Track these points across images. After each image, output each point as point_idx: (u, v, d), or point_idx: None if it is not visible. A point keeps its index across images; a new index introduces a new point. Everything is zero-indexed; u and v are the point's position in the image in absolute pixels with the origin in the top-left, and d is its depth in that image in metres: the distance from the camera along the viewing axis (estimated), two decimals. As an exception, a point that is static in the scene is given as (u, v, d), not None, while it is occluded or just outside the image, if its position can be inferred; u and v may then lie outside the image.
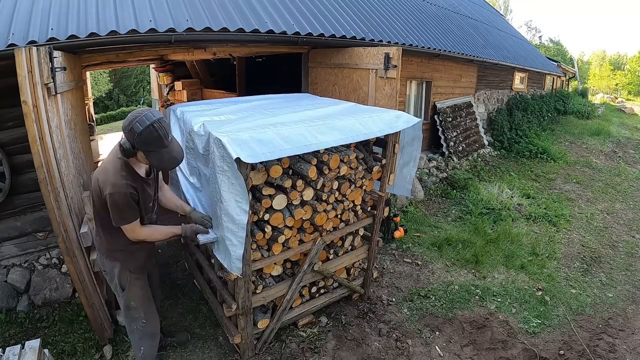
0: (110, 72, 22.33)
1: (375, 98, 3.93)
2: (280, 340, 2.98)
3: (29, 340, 2.28)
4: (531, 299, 3.66)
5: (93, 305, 2.68)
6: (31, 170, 2.98)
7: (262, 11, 4.05)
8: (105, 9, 3.32)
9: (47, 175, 2.19)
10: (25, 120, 2.06)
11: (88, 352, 2.83)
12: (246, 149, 2.02)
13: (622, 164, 9.00)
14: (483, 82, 9.69)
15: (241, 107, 3.03)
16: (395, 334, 3.13)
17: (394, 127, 2.73)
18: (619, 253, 4.74)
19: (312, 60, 4.77)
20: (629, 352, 3.04)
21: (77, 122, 3.33)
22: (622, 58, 49.70)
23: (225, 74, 9.29)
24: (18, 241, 3.51)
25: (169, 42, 3.31)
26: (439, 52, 6.31)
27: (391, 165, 3.07)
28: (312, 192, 2.58)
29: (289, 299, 2.81)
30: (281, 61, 8.27)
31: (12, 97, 2.40)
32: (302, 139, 2.24)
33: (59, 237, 2.36)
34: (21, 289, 3.41)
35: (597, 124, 12.87)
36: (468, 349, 3.02)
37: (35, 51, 2.10)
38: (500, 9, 38.60)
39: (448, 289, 3.76)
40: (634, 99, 30.74)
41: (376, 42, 4.63)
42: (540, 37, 44.64)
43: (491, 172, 7.79)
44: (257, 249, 2.53)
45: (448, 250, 4.52)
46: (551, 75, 16.05)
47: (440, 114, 7.58)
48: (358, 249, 3.30)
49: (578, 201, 6.50)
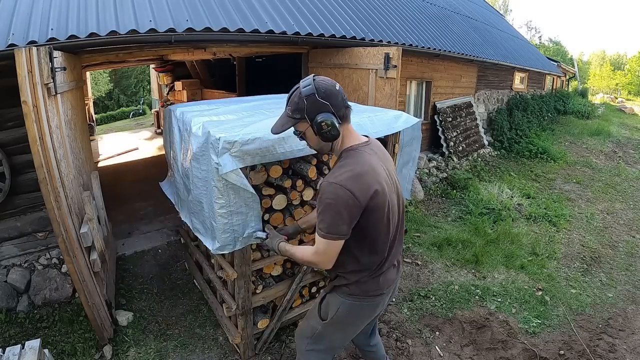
0: (110, 72, 22.35)
1: (375, 98, 3.94)
2: (280, 340, 2.98)
3: (29, 340, 2.28)
4: (531, 299, 3.66)
5: (93, 305, 2.68)
6: (31, 170, 2.99)
7: (262, 11, 4.05)
8: (105, 9, 3.33)
9: (47, 175, 2.19)
10: (25, 120, 2.06)
11: (88, 352, 2.83)
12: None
13: (622, 164, 9.00)
14: (483, 82, 9.69)
15: (241, 107, 3.03)
16: (395, 334, 3.13)
17: (394, 127, 2.73)
18: (619, 253, 4.74)
19: (312, 61, 4.77)
20: (629, 352, 3.03)
21: (77, 122, 3.33)
22: (622, 58, 49.73)
23: (225, 74, 9.29)
24: (18, 241, 3.51)
25: (169, 42, 3.31)
26: (439, 52, 6.31)
27: (391, 165, 3.06)
28: (312, 192, 2.58)
29: (289, 299, 2.81)
30: (281, 61, 8.27)
31: (12, 97, 2.39)
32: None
33: (59, 237, 2.36)
34: (21, 289, 3.41)
35: (597, 124, 12.86)
36: (468, 349, 3.02)
37: (35, 51, 2.10)
38: (500, 9, 38.61)
39: (448, 289, 3.76)
40: (634, 99, 30.73)
41: (376, 42, 4.63)
42: (540, 37, 44.77)
43: (491, 172, 7.78)
44: (257, 248, 2.53)
45: (448, 250, 4.51)
46: (551, 75, 16.05)
47: (440, 114, 7.58)
48: (358, 249, 3.29)
49: (578, 201, 6.50)
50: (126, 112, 19.71)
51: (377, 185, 1.53)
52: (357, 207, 1.49)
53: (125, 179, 6.69)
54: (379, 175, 1.56)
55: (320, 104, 1.54)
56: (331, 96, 1.55)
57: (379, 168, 1.60)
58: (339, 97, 1.58)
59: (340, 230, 1.50)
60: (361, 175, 1.52)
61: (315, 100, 1.53)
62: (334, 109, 1.55)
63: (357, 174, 1.51)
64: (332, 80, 1.63)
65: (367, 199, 1.50)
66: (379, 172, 1.58)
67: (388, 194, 1.59)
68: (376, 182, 1.54)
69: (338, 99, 1.57)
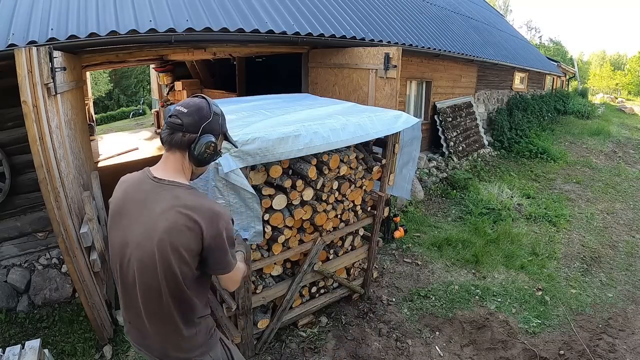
0: (110, 72, 22.34)
1: (375, 98, 3.94)
2: (280, 340, 2.98)
3: (29, 340, 2.28)
4: (531, 299, 3.66)
5: (93, 305, 2.68)
6: (31, 170, 2.98)
7: (262, 11, 4.05)
8: (105, 9, 3.33)
9: (47, 175, 2.19)
10: (25, 120, 2.06)
11: (88, 352, 2.83)
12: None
13: (622, 164, 9.00)
14: (483, 82, 9.69)
15: (241, 107, 3.03)
16: (395, 334, 3.13)
17: (394, 127, 2.73)
18: (619, 253, 4.74)
19: (312, 60, 4.77)
20: (629, 352, 3.04)
21: (77, 122, 3.33)
22: (622, 58, 49.73)
23: (225, 74, 9.29)
24: (18, 241, 3.51)
25: (169, 42, 3.31)
26: (439, 52, 6.31)
27: (391, 165, 3.07)
28: (312, 192, 2.58)
29: (289, 299, 2.81)
30: (281, 61, 8.26)
31: (12, 97, 2.39)
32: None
33: (59, 237, 2.36)
34: (21, 289, 3.41)
35: (597, 124, 12.86)
36: (468, 349, 3.02)
37: (35, 51, 2.10)
38: (500, 9, 38.62)
39: (448, 289, 3.76)
40: (634, 99, 30.72)
41: (376, 42, 4.63)
42: (540, 37, 44.80)
43: (491, 172, 7.78)
44: (257, 249, 2.53)
45: (448, 250, 4.51)
46: (551, 75, 16.04)
47: (440, 114, 7.58)
48: (358, 249, 3.30)
49: (578, 201, 6.50)
50: (126, 112, 19.71)
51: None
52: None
53: (125, 179, 6.67)
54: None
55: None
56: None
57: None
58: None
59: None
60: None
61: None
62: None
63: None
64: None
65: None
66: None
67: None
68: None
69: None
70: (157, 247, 1.28)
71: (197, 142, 1.35)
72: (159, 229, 1.28)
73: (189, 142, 1.35)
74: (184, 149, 1.37)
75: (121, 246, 1.35)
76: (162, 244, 1.28)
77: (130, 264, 1.34)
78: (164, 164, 1.40)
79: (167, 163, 1.39)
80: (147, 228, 1.30)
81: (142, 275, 1.32)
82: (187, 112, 1.35)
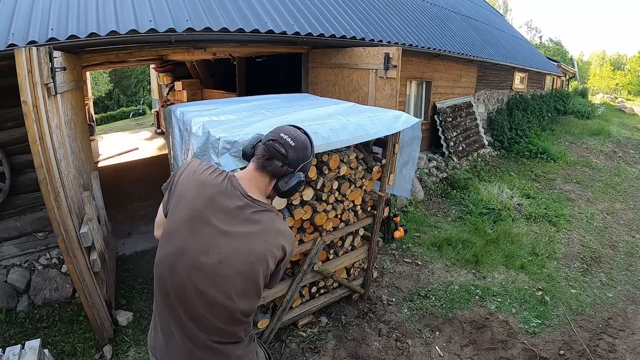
0: (110, 72, 22.36)
1: (375, 98, 3.94)
2: (280, 340, 2.98)
3: (29, 341, 2.28)
4: (531, 299, 3.66)
5: (93, 305, 2.68)
6: (31, 170, 2.98)
7: (262, 11, 4.05)
8: (105, 9, 3.33)
9: (47, 175, 2.19)
10: (25, 120, 2.06)
11: (88, 352, 2.83)
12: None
13: (622, 164, 9.00)
14: (483, 82, 9.69)
15: (241, 107, 3.03)
16: (395, 334, 3.13)
17: (394, 127, 2.73)
18: (619, 253, 4.74)
19: (312, 61, 4.77)
20: (629, 352, 3.04)
21: (77, 122, 3.33)
22: (622, 58, 49.72)
23: (225, 74, 9.30)
24: (18, 241, 3.51)
25: (169, 42, 3.31)
26: (439, 52, 6.31)
27: (391, 165, 3.07)
28: (311, 192, 2.58)
29: (289, 299, 2.81)
30: (281, 61, 8.27)
31: (12, 97, 2.39)
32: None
33: (59, 237, 2.36)
34: (21, 289, 3.41)
35: (597, 124, 12.86)
36: (468, 349, 3.02)
37: (35, 51, 2.10)
38: (500, 9, 38.63)
39: (448, 289, 3.76)
40: (634, 99, 30.73)
41: (376, 42, 4.63)
42: (541, 37, 44.77)
43: (491, 172, 7.79)
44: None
45: (448, 250, 4.51)
46: (551, 75, 16.04)
47: (440, 114, 7.58)
48: (358, 249, 3.30)
49: (578, 201, 6.50)
50: (126, 112, 19.73)
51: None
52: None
53: (125, 179, 6.69)
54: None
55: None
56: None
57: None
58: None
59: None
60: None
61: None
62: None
63: None
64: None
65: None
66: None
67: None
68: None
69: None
70: (249, 267, 1.30)
71: (291, 178, 1.38)
72: (256, 251, 1.30)
73: (284, 173, 1.38)
74: (276, 177, 1.39)
75: (196, 252, 1.28)
76: (254, 267, 1.31)
77: (202, 274, 1.28)
78: (250, 182, 1.38)
79: (255, 182, 1.39)
80: (241, 246, 1.30)
81: (220, 291, 1.29)
82: (294, 146, 1.36)
